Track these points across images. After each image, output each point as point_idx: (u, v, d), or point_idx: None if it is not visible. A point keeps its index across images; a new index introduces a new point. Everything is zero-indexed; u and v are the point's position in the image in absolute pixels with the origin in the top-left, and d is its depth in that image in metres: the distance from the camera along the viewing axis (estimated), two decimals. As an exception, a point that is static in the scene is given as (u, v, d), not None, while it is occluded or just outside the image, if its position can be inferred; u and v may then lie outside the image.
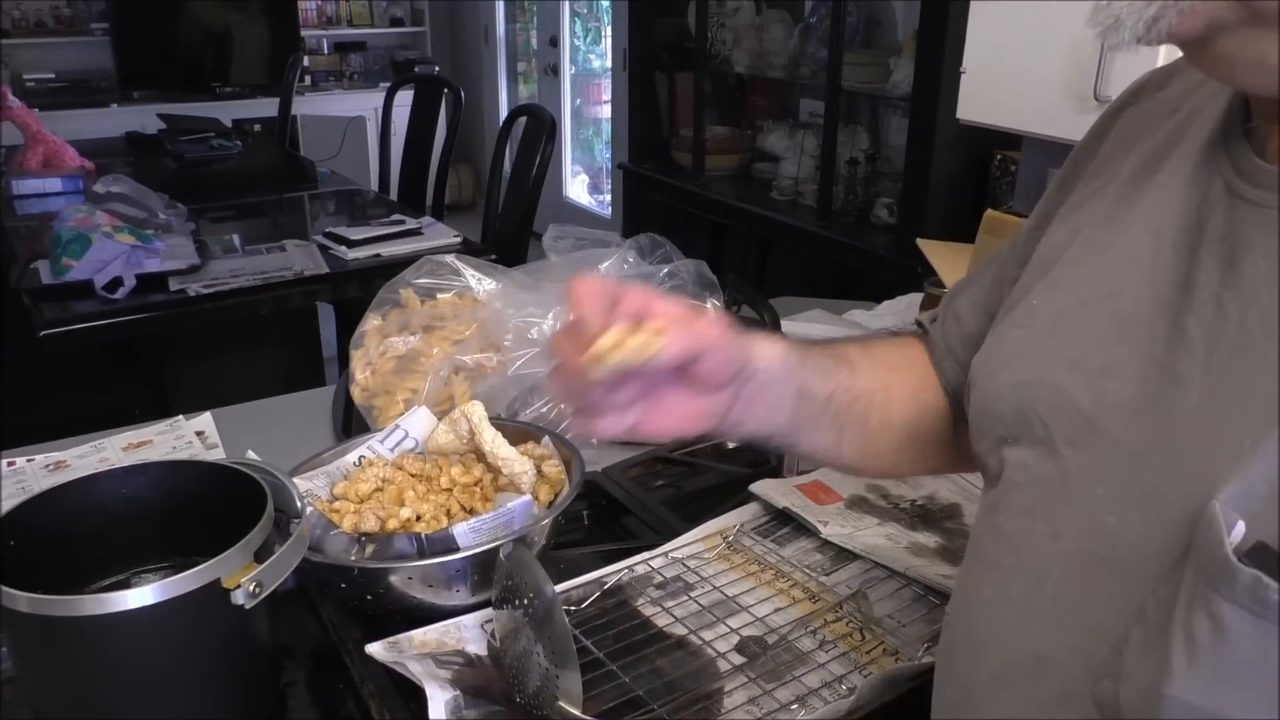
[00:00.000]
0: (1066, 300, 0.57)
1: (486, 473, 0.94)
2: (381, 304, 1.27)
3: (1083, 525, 0.51)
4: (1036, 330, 0.59)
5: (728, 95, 3.72)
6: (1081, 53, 1.47)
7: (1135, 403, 0.50)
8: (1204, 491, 0.44)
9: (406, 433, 1.00)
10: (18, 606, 0.65)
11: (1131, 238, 0.55)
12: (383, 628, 0.83)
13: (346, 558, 0.83)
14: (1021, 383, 0.57)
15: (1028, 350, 0.58)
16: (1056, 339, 0.56)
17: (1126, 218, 0.56)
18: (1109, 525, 0.49)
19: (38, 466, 1.15)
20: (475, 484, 0.93)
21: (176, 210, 2.45)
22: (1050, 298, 0.59)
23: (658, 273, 1.26)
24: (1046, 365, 0.56)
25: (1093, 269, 0.57)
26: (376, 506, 0.89)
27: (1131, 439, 0.50)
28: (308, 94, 5.32)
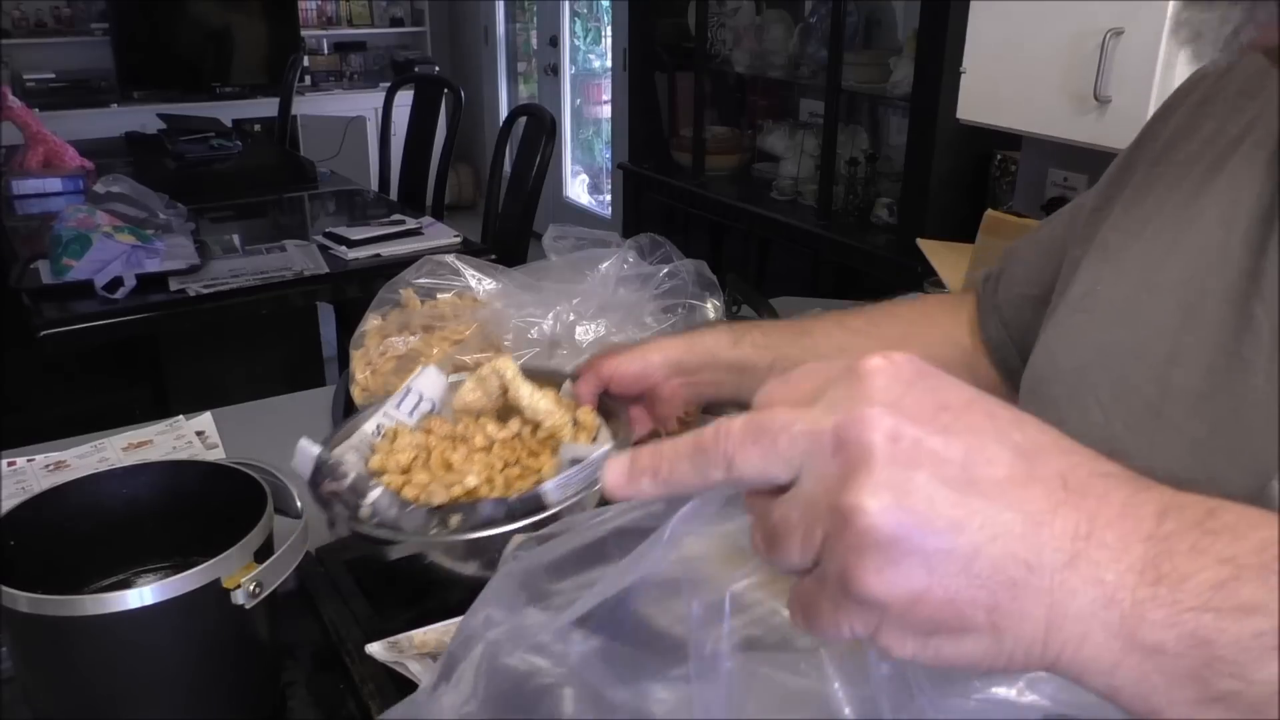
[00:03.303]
0: (1132, 287, 0.57)
1: (524, 425, 0.88)
2: (381, 304, 1.27)
3: None
4: (1099, 316, 0.59)
5: (728, 95, 3.72)
6: (1081, 53, 1.47)
7: (1201, 391, 0.50)
8: (1265, 475, 0.44)
9: (421, 395, 0.92)
10: (18, 606, 0.65)
11: (1201, 227, 0.55)
12: (384, 627, 0.83)
13: (428, 533, 0.76)
14: (1081, 368, 0.58)
15: (1090, 336, 0.59)
16: (1122, 326, 0.56)
17: (1195, 207, 0.56)
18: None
19: (38, 466, 1.15)
20: (514, 438, 0.87)
21: (176, 210, 2.45)
22: (1115, 284, 0.59)
23: (658, 273, 1.26)
24: (1110, 352, 0.56)
25: (1159, 257, 0.57)
26: (427, 476, 0.82)
27: (1195, 426, 0.50)
28: (308, 94, 5.32)
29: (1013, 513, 0.31)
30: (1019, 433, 0.33)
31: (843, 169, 2.93)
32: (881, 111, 3.10)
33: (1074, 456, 0.33)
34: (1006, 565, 0.31)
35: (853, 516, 0.31)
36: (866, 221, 2.91)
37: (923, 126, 2.48)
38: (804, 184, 3.14)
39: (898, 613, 0.31)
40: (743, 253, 3.34)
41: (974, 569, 0.31)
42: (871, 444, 0.31)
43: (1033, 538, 0.31)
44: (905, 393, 0.32)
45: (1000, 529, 0.31)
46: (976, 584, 0.31)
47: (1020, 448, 0.32)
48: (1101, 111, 1.46)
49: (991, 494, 0.31)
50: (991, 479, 0.31)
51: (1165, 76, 1.40)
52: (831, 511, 0.31)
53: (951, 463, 0.31)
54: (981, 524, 0.31)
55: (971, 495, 0.31)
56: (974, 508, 0.31)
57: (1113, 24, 1.43)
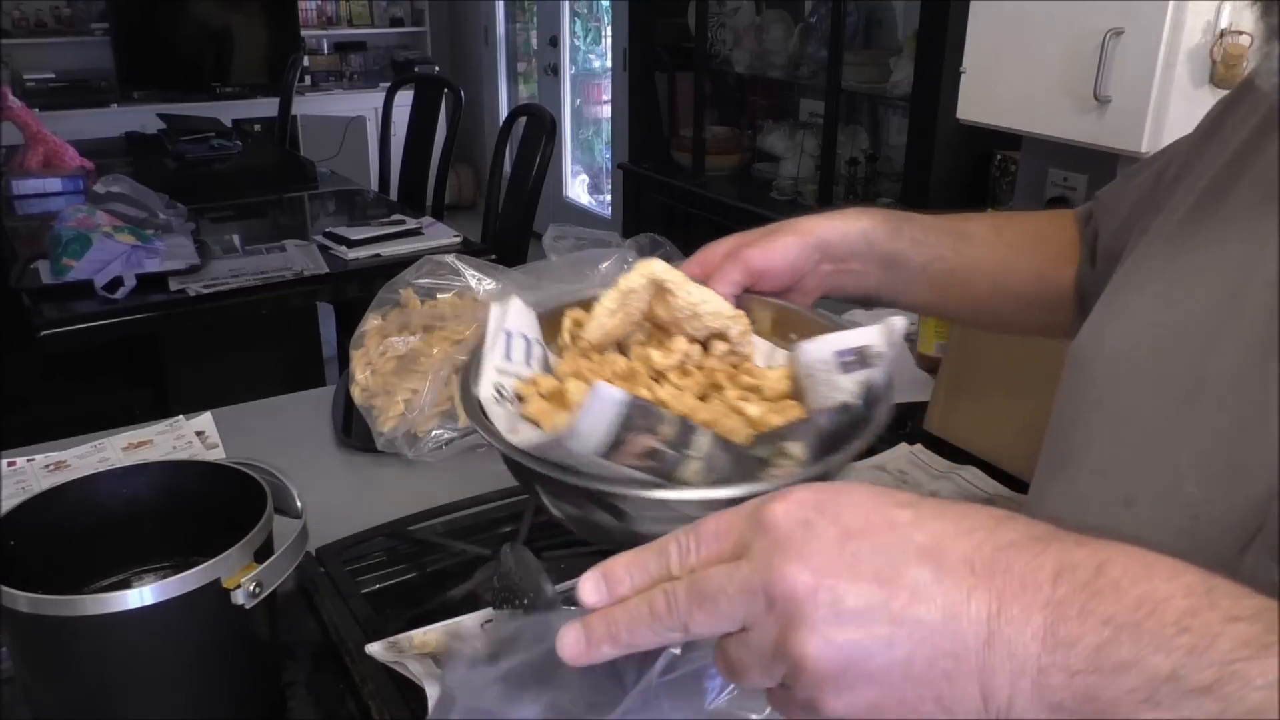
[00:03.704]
0: (1185, 271, 0.57)
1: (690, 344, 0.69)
2: (381, 304, 1.27)
3: (1159, 493, 0.51)
4: (1148, 298, 0.58)
5: (728, 95, 3.72)
6: (1081, 53, 1.47)
7: (1234, 381, 0.50)
8: None
9: (526, 337, 0.68)
10: (18, 606, 0.65)
11: (1252, 215, 0.54)
12: (384, 627, 0.83)
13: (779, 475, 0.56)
14: (1124, 349, 0.57)
15: (1137, 317, 0.58)
16: (1168, 310, 0.56)
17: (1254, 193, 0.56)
18: (1190, 496, 0.49)
19: (38, 466, 1.15)
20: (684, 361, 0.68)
21: (176, 210, 2.45)
22: (1169, 266, 0.58)
23: (658, 273, 1.26)
24: (1153, 336, 0.56)
25: (1211, 242, 0.56)
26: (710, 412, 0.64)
27: (1224, 416, 0.50)
28: (308, 94, 5.32)
29: (931, 613, 0.36)
30: (919, 533, 0.37)
31: (843, 169, 2.93)
32: (881, 111, 3.10)
33: (975, 536, 0.37)
34: (937, 660, 0.36)
35: (801, 662, 0.36)
36: (866, 221, 2.91)
37: (923, 126, 2.48)
38: (804, 184, 3.14)
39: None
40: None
41: (912, 673, 0.36)
42: (797, 599, 0.36)
43: (954, 629, 0.35)
44: (808, 533, 0.37)
45: (924, 632, 0.36)
46: (919, 683, 0.36)
47: (924, 549, 0.37)
48: (1101, 111, 1.47)
49: (909, 603, 0.36)
50: (905, 589, 0.36)
51: (1165, 76, 1.40)
52: (783, 659, 0.37)
53: (867, 587, 0.36)
54: (908, 633, 0.36)
55: (892, 611, 0.36)
56: (898, 621, 0.36)
57: (1113, 24, 1.43)
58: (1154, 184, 0.69)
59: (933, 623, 0.36)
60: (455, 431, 1.16)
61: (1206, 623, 0.33)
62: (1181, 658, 0.33)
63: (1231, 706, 0.32)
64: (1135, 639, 0.33)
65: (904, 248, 0.73)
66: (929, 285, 0.74)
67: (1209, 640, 0.33)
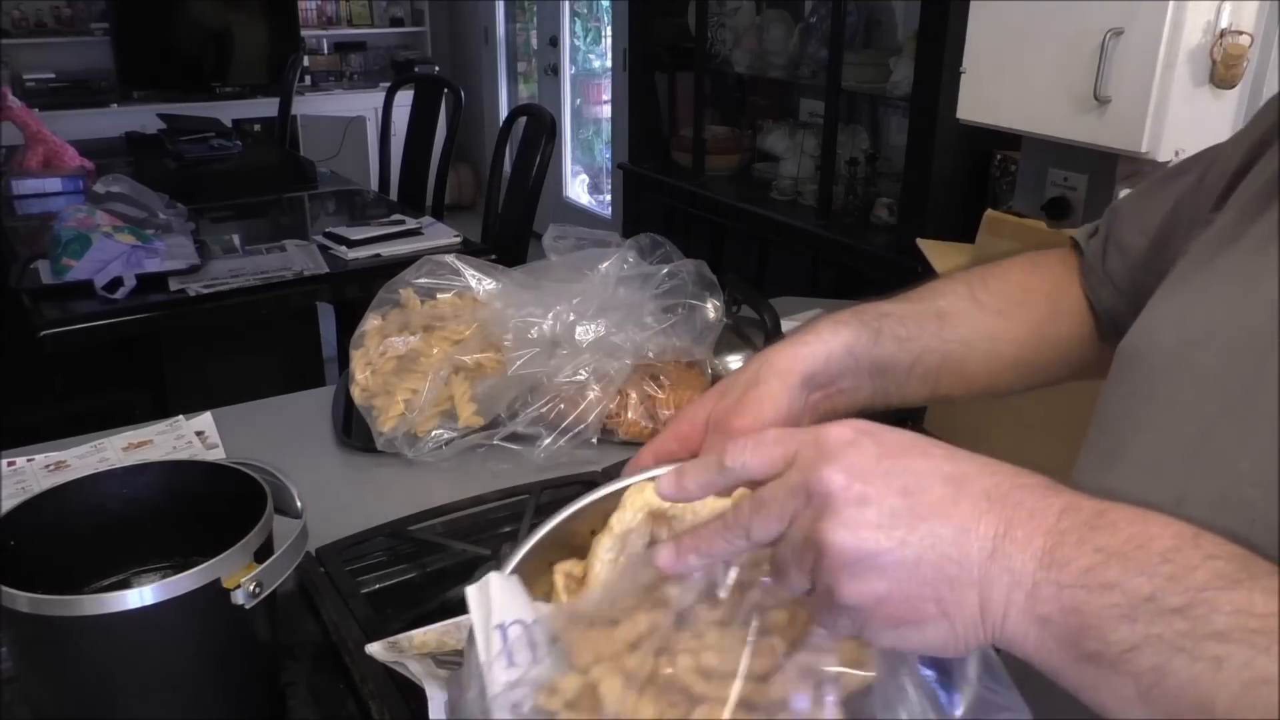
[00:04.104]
0: (1253, 266, 0.54)
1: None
2: (381, 304, 1.27)
3: (1215, 494, 0.50)
4: (1213, 293, 0.56)
5: (728, 95, 3.72)
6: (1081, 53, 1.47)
7: None
8: None
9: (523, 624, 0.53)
10: (18, 606, 0.65)
11: None
12: (384, 628, 0.83)
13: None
14: (1186, 343, 0.56)
15: (1201, 310, 0.56)
16: (1236, 305, 0.54)
17: None
18: (1249, 499, 0.48)
19: (38, 466, 1.15)
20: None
21: (176, 210, 2.45)
22: (1234, 260, 0.56)
23: (658, 273, 1.26)
24: (1218, 331, 0.54)
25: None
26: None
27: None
28: (308, 94, 5.32)
29: (945, 526, 0.41)
30: (949, 464, 0.43)
31: (843, 169, 2.93)
32: (881, 111, 3.10)
33: (997, 476, 0.42)
34: (943, 565, 0.41)
35: (825, 548, 0.41)
36: (866, 221, 2.91)
37: (923, 126, 2.48)
38: (804, 184, 3.14)
39: (871, 613, 0.42)
40: (743, 253, 3.34)
41: (919, 573, 0.41)
42: (829, 494, 0.42)
43: (962, 542, 0.41)
44: (852, 448, 0.43)
45: (935, 539, 0.41)
46: (923, 583, 0.41)
47: (950, 475, 0.42)
48: (1101, 111, 1.46)
49: (926, 514, 0.41)
50: (926, 503, 0.41)
51: (1165, 76, 1.40)
52: (812, 546, 0.42)
53: (892, 496, 0.41)
54: (920, 538, 0.41)
55: (911, 518, 0.41)
56: (913, 526, 0.41)
57: (1113, 24, 1.43)
58: (1197, 185, 0.66)
59: (944, 534, 0.41)
60: (455, 431, 1.16)
61: (1188, 558, 0.38)
62: (1161, 582, 0.37)
63: (1199, 627, 0.36)
64: (1123, 564, 0.38)
65: (889, 350, 0.68)
66: (920, 381, 0.70)
67: (1187, 571, 0.37)
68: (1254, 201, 0.58)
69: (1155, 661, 0.37)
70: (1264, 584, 0.36)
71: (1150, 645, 0.37)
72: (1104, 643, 0.38)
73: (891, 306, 0.70)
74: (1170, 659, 0.36)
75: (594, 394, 1.16)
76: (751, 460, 0.46)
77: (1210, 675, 0.35)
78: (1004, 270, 0.75)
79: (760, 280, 3.25)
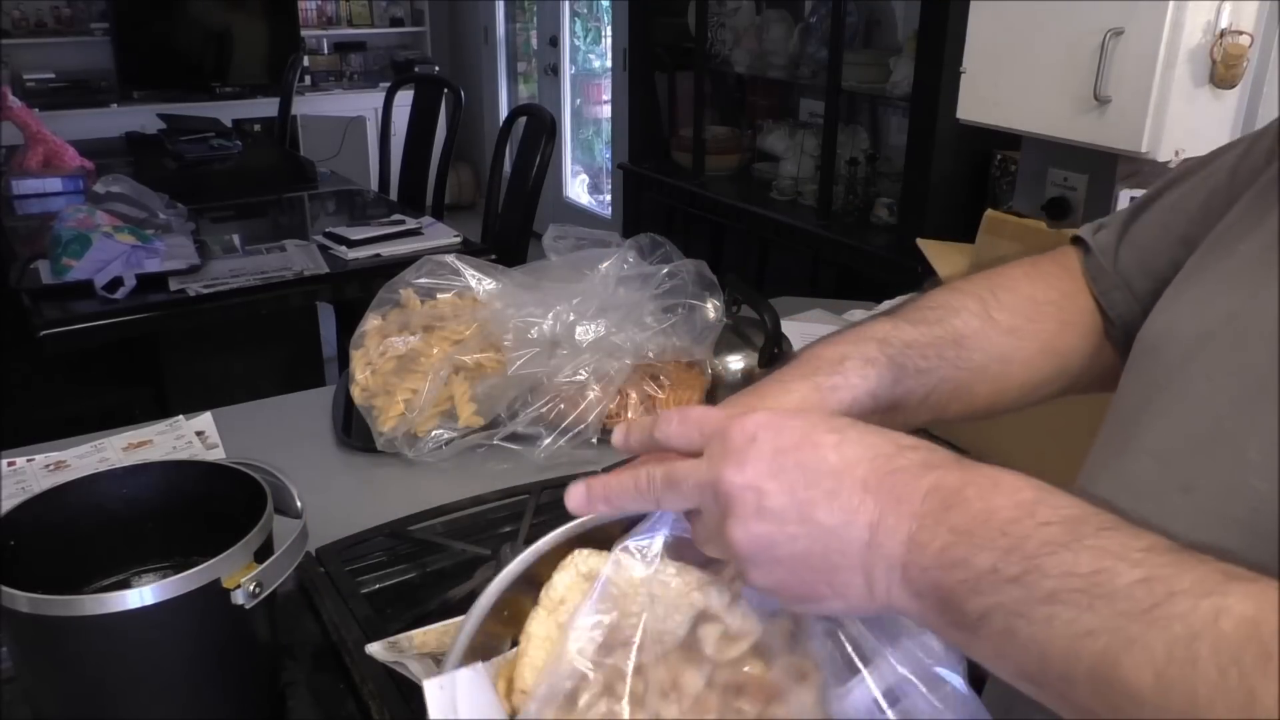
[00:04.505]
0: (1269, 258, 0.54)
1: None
2: (381, 304, 1.27)
3: (1223, 484, 0.50)
4: (1231, 283, 0.56)
5: (728, 95, 3.72)
6: (1081, 53, 1.47)
7: None
8: None
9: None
10: (18, 606, 0.65)
11: None
12: (384, 628, 0.83)
13: None
14: (1203, 335, 0.56)
15: (1219, 301, 0.56)
16: (1252, 296, 0.54)
17: None
18: (1254, 489, 0.48)
19: (38, 466, 1.15)
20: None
21: (176, 210, 2.45)
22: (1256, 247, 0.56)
23: (658, 273, 1.26)
24: (1235, 322, 0.54)
25: None
26: None
27: None
28: (308, 94, 5.32)
29: (830, 517, 0.46)
30: (835, 455, 0.47)
31: (843, 169, 2.93)
32: (881, 111, 3.10)
33: (876, 461, 0.46)
34: (829, 555, 0.46)
35: (730, 543, 0.47)
36: (866, 221, 2.91)
37: (923, 126, 2.48)
38: (804, 184, 3.14)
39: (775, 592, 0.48)
40: (743, 253, 3.34)
41: (810, 562, 0.46)
42: (731, 497, 0.47)
43: (844, 533, 0.45)
44: (750, 448, 0.47)
45: (821, 532, 0.46)
46: (814, 570, 0.46)
47: (834, 469, 0.46)
48: (1101, 111, 1.46)
49: (813, 510, 0.46)
50: (812, 499, 0.46)
51: (1165, 76, 1.40)
52: (720, 538, 0.48)
53: (784, 494, 0.46)
54: (808, 532, 0.46)
55: (799, 515, 0.46)
56: (802, 522, 0.46)
57: (1113, 24, 1.43)
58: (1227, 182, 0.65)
59: (829, 525, 0.45)
60: (455, 431, 1.16)
61: (1023, 529, 0.41)
62: (1000, 555, 0.41)
63: (1032, 592, 0.40)
64: (969, 542, 0.42)
65: (909, 387, 0.66)
66: (928, 410, 0.68)
67: (1021, 541, 0.41)
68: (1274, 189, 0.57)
69: (1002, 626, 0.41)
70: (1089, 543, 0.40)
71: (996, 613, 0.41)
72: (961, 613, 0.42)
73: (914, 334, 0.66)
74: (1012, 622, 0.40)
75: (594, 394, 1.16)
76: (675, 434, 0.52)
77: (1044, 633, 0.39)
78: (1013, 281, 0.73)
79: (760, 280, 3.25)
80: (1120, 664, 0.37)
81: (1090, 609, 0.38)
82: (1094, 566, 0.39)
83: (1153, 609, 0.37)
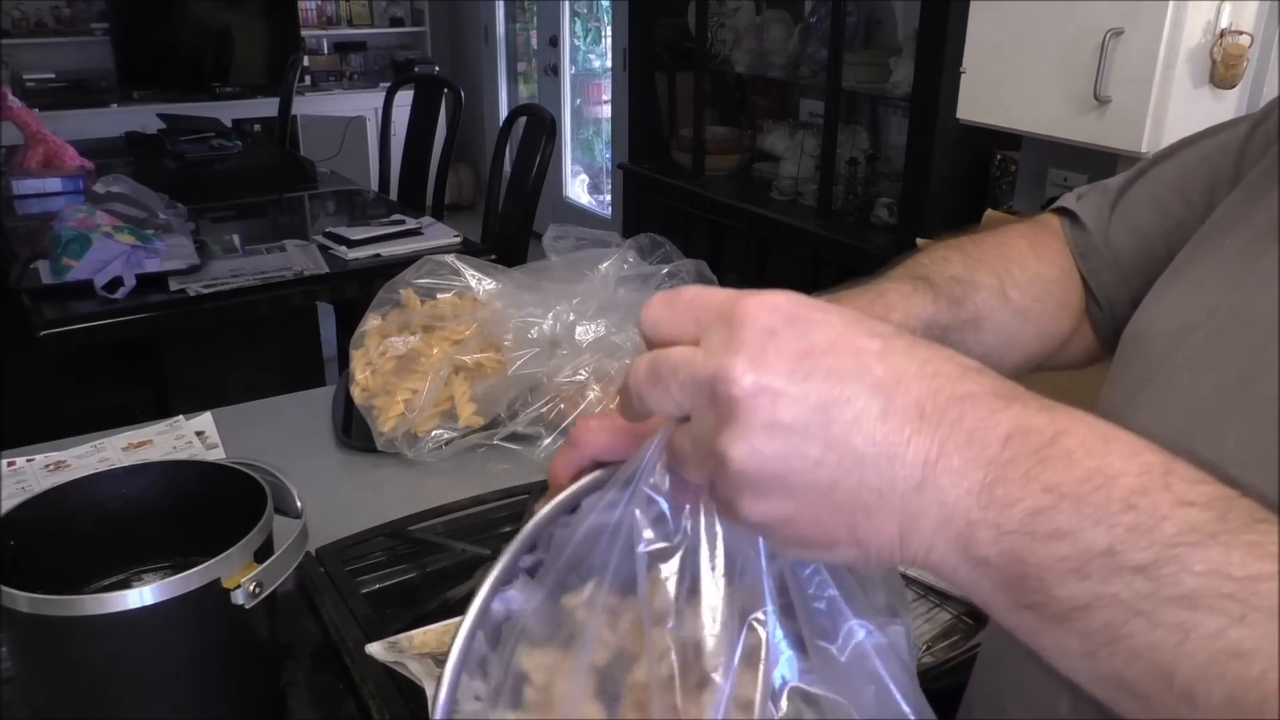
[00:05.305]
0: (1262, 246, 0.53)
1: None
2: (381, 304, 1.27)
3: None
4: (1217, 276, 0.56)
5: (728, 95, 3.72)
6: (1081, 53, 1.47)
7: None
8: None
9: None
10: (18, 606, 0.65)
11: None
12: (384, 628, 0.83)
13: None
14: (1185, 326, 0.55)
15: (1204, 293, 0.56)
16: (1237, 289, 0.53)
17: None
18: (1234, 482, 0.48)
19: (38, 466, 1.15)
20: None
21: (176, 210, 2.45)
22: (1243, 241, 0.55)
23: (658, 273, 1.26)
24: (1217, 314, 0.54)
25: None
26: None
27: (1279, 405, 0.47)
28: (308, 94, 5.33)
29: (868, 447, 0.35)
30: (881, 365, 0.35)
31: (843, 169, 2.93)
32: (881, 111, 3.10)
33: (936, 381, 0.35)
34: (861, 494, 0.35)
35: (724, 462, 0.35)
36: (866, 221, 2.91)
37: (923, 126, 2.48)
38: (804, 184, 3.14)
39: (774, 531, 0.37)
40: (743, 253, 3.34)
41: (833, 498, 0.35)
42: (735, 399, 0.35)
43: (885, 468, 0.35)
44: (770, 341, 0.35)
45: (855, 463, 0.35)
46: (836, 509, 0.35)
47: (880, 382, 0.35)
48: (1101, 111, 1.47)
49: (847, 432, 0.35)
50: (848, 418, 0.35)
51: (1165, 76, 1.41)
52: (711, 454, 0.36)
53: (808, 408, 0.35)
54: (838, 459, 0.35)
55: (828, 436, 0.35)
56: (831, 446, 0.35)
57: (1113, 24, 1.43)
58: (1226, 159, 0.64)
59: (866, 456, 0.35)
60: (455, 431, 1.16)
61: (1155, 503, 0.32)
62: (1122, 534, 0.32)
63: (1164, 588, 0.31)
64: (1077, 509, 0.33)
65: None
66: None
67: (1154, 521, 0.32)
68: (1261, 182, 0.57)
69: (1108, 621, 0.32)
70: (1245, 538, 0.32)
71: (1104, 605, 0.32)
72: (1049, 596, 0.33)
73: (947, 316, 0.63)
74: (1127, 622, 0.32)
75: (594, 394, 1.16)
76: (664, 323, 0.39)
77: (1172, 643, 0.31)
78: (1022, 256, 0.70)
79: (760, 280, 3.25)
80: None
81: (1244, 623, 0.30)
82: (1251, 570, 0.31)
83: None
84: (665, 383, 0.37)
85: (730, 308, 0.37)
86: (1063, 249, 0.71)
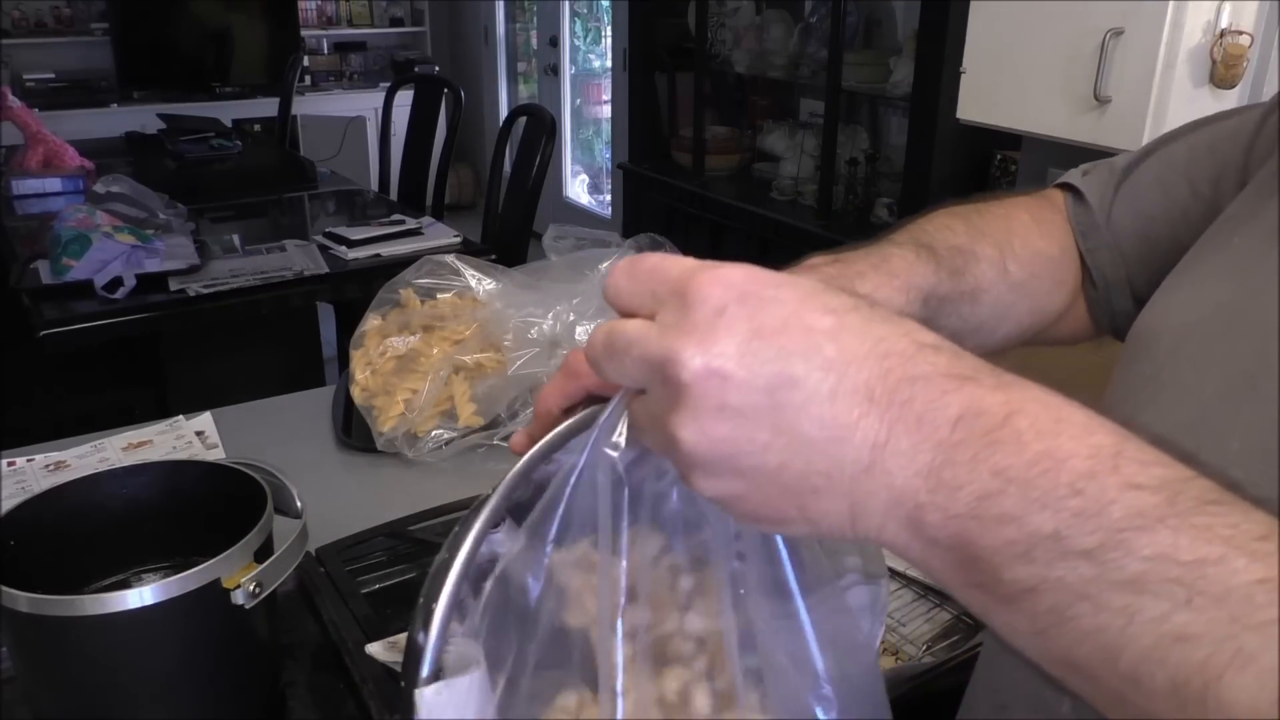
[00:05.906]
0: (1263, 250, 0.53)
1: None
2: (381, 304, 1.27)
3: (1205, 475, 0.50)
4: (1225, 274, 0.56)
5: (728, 95, 3.72)
6: (1081, 53, 1.47)
7: None
8: None
9: None
10: (18, 606, 0.65)
11: None
12: (384, 628, 0.83)
13: None
14: (1192, 323, 0.55)
15: (1211, 290, 0.56)
16: (1245, 287, 0.53)
17: None
18: (1234, 480, 0.48)
19: (38, 466, 1.15)
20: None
21: (176, 210, 2.45)
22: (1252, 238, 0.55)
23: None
24: (1225, 312, 0.53)
25: None
26: None
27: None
28: (308, 94, 5.33)
29: (816, 430, 0.35)
30: (832, 344, 0.35)
31: (843, 169, 2.93)
32: (881, 111, 3.11)
33: (888, 361, 0.35)
34: (809, 476, 0.35)
35: (674, 443, 0.36)
36: (866, 221, 2.91)
37: (923, 126, 2.48)
38: (804, 184, 3.14)
39: (727, 505, 0.38)
40: (743, 253, 3.34)
41: (781, 480, 0.36)
42: (684, 384, 0.35)
43: (833, 452, 0.35)
44: (719, 320, 0.35)
45: (801, 445, 0.35)
46: (785, 490, 0.36)
47: (830, 362, 0.35)
48: (1101, 111, 1.47)
49: (794, 416, 0.35)
50: (794, 403, 0.35)
51: (1165, 76, 1.41)
52: (664, 433, 0.37)
53: (756, 391, 0.35)
54: (786, 443, 0.35)
55: (775, 420, 0.35)
56: (778, 429, 0.35)
57: (1113, 24, 1.43)
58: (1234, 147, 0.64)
59: (814, 439, 0.35)
60: (455, 431, 1.16)
61: (1103, 487, 0.32)
62: (1068, 519, 0.32)
63: (1109, 573, 0.31)
64: (1024, 494, 0.32)
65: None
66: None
67: (1101, 506, 0.32)
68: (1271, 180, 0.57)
69: (1054, 604, 0.32)
70: (1194, 521, 0.31)
71: (1050, 589, 0.32)
72: (997, 579, 0.33)
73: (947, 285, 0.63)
74: (1072, 605, 0.32)
75: (594, 394, 1.16)
76: (625, 291, 0.39)
77: (1117, 627, 0.31)
78: (1025, 229, 0.69)
79: (760, 280, 3.25)
80: (1224, 681, 0.29)
81: (1190, 607, 0.30)
82: (1199, 554, 0.31)
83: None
84: (619, 359, 0.38)
85: (684, 283, 0.37)
86: (1064, 225, 0.71)
